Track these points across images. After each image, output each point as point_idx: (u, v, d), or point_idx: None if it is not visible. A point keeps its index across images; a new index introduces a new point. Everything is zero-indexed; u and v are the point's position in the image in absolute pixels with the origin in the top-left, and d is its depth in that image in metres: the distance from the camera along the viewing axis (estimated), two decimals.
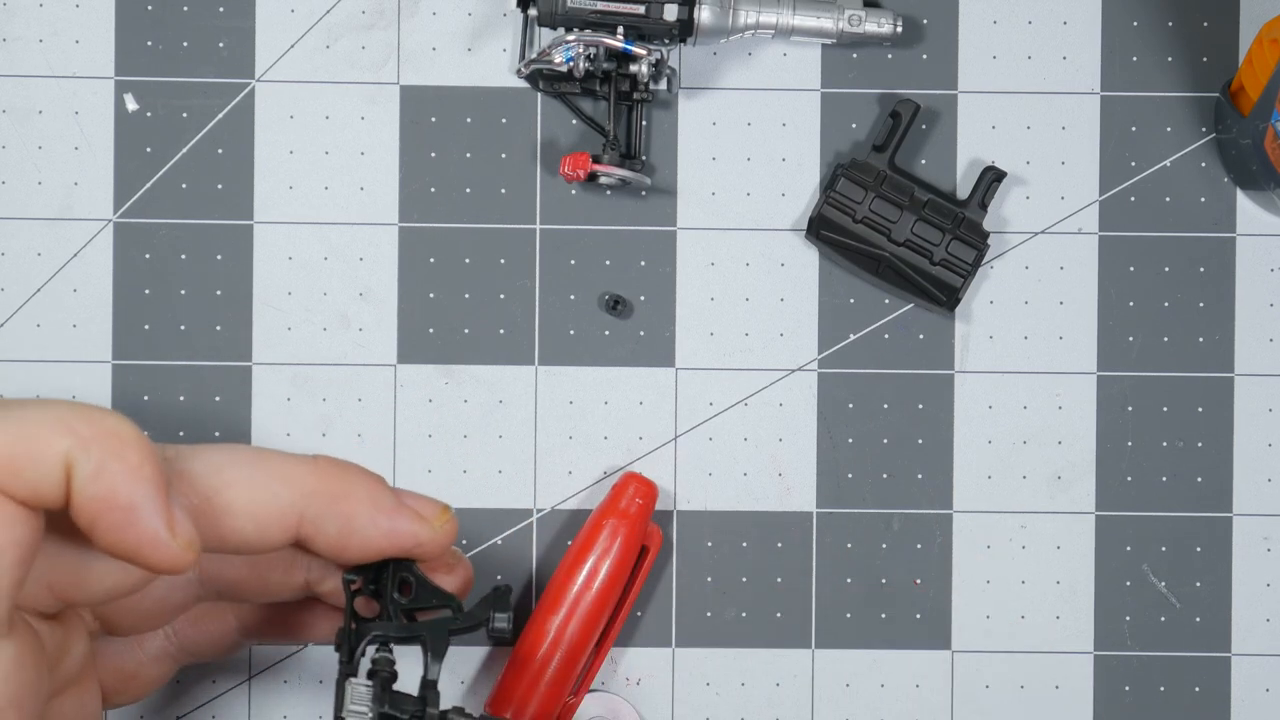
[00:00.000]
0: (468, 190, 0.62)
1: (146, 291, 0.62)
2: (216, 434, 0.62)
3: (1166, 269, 0.62)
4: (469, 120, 0.62)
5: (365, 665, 0.48)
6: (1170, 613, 0.62)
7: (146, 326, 0.62)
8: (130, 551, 0.42)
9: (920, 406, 0.62)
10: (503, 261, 0.62)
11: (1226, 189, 0.63)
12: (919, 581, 0.62)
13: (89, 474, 0.41)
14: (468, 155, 0.62)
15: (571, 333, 0.62)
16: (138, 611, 0.49)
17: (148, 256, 0.62)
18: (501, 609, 0.50)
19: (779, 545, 0.62)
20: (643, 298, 0.62)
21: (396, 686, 0.48)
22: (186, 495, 0.44)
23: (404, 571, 0.49)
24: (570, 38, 0.59)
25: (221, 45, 0.62)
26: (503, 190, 0.62)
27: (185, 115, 0.62)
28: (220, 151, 0.62)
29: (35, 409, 0.42)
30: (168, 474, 0.43)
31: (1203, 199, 0.63)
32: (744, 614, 0.62)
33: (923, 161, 0.63)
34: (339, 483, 0.47)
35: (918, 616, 0.62)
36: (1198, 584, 0.62)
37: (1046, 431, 0.62)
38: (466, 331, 0.62)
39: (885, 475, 0.62)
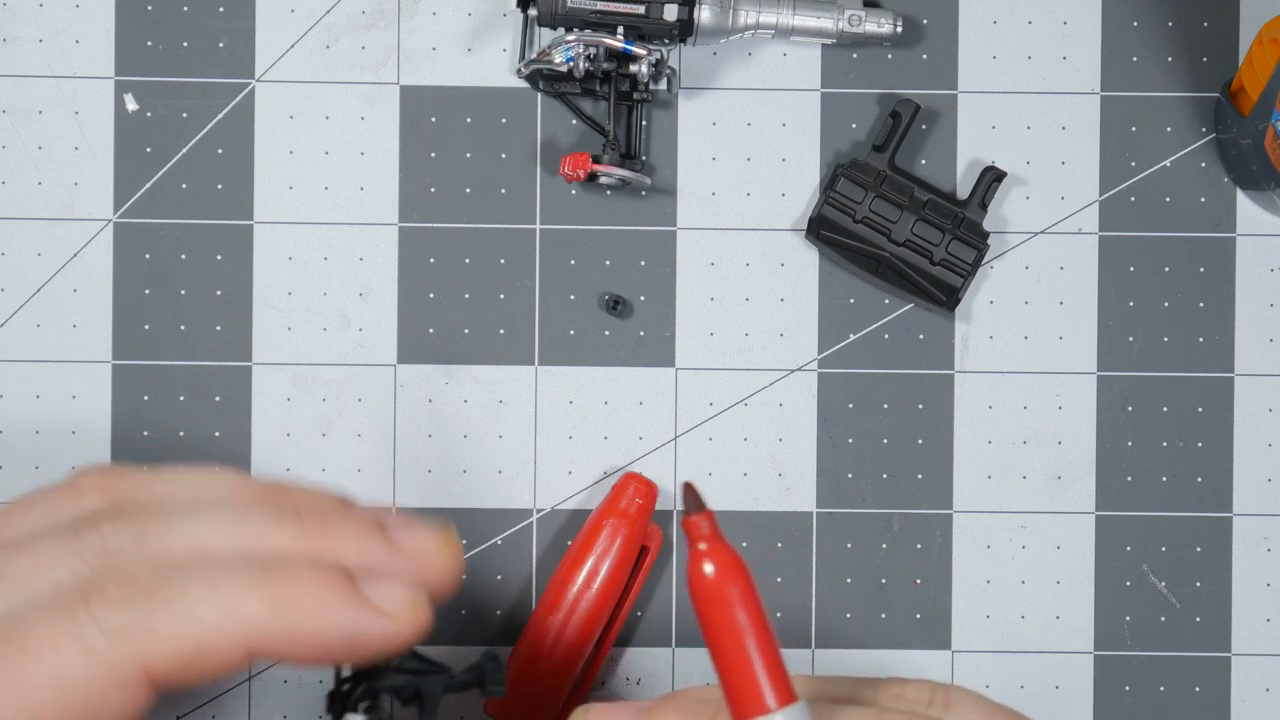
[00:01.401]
0: (468, 190, 0.62)
1: (146, 291, 0.62)
2: (216, 434, 0.62)
3: (1166, 269, 0.62)
4: (469, 120, 0.62)
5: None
6: (1170, 613, 0.62)
7: (146, 326, 0.62)
8: (375, 651, 0.43)
9: (920, 406, 0.62)
10: (503, 261, 0.62)
11: (1226, 189, 0.63)
12: (919, 581, 0.62)
13: (287, 642, 0.41)
14: (468, 155, 0.62)
15: (571, 333, 0.62)
16: None
17: (148, 256, 0.62)
18: (495, 677, 0.49)
19: (779, 545, 0.62)
20: (643, 298, 0.62)
21: None
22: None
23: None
24: (570, 38, 0.58)
25: (221, 45, 0.62)
26: (503, 190, 0.62)
27: (185, 115, 0.62)
28: (220, 151, 0.62)
29: (207, 599, 0.41)
30: (345, 565, 0.43)
31: (1203, 199, 0.63)
32: None
33: (923, 161, 0.63)
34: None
35: (918, 616, 0.62)
36: (1198, 584, 0.62)
37: (1046, 431, 0.62)
38: (466, 331, 0.62)
39: (885, 475, 0.62)
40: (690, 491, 0.42)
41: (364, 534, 0.45)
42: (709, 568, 0.40)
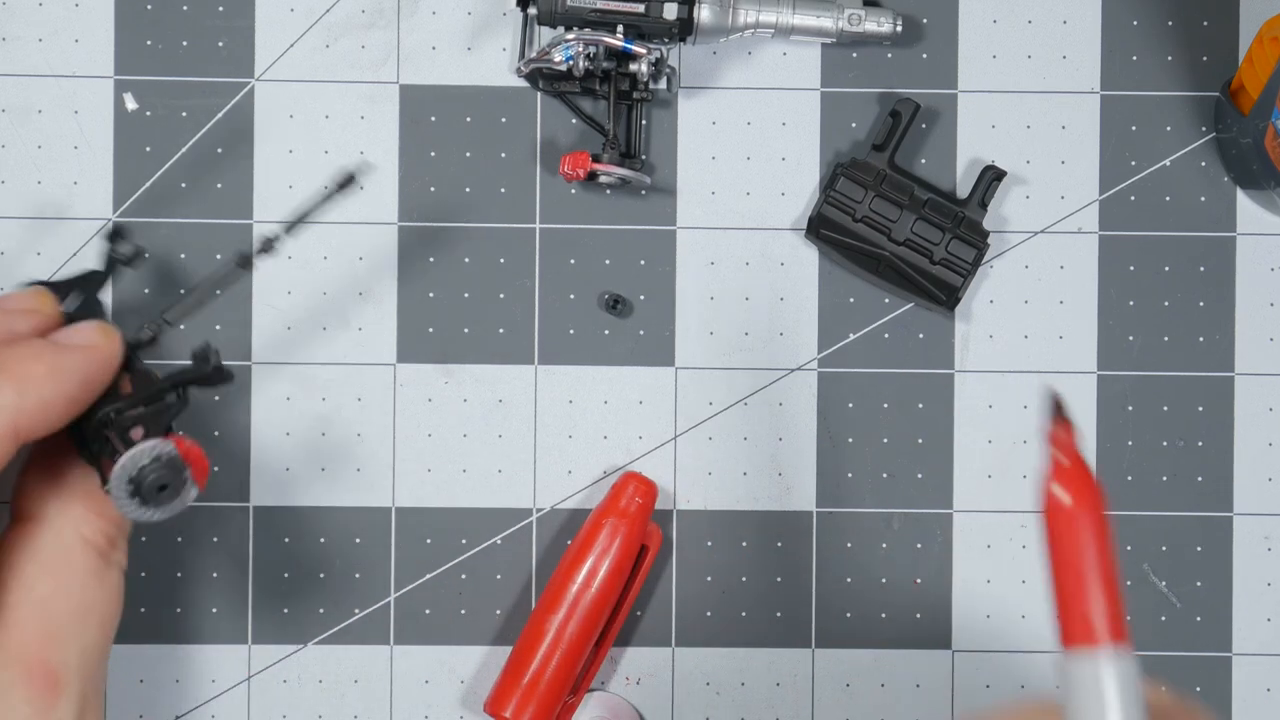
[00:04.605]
0: (468, 190, 0.62)
1: (146, 291, 0.62)
2: (216, 433, 0.62)
3: (1166, 269, 0.62)
4: (469, 120, 0.62)
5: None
6: (1170, 612, 0.62)
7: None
8: (104, 380, 0.52)
9: (920, 406, 0.62)
10: (503, 261, 0.62)
11: (1226, 189, 0.63)
12: (919, 581, 0.62)
13: (42, 414, 0.49)
14: (468, 155, 0.62)
15: (571, 332, 0.62)
16: None
17: (148, 256, 0.62)
18: (216, 365, 0.53)
19: (779, 545, 0.62)
20: (643, 297, 0.62)
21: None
22: None
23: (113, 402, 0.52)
24: (570, 37, 0.59)
25: (221, 45, 0.62)
26: (503, 190, 0.62)
27: (185, 115, 0.62)
28: (220, 151, 0.62)
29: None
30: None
31: (1203, 199, 0.63)
32: (744, 614, 0.62)
33: (923, 161, 0.63)
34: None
35: (918, 616, 0.62)
36: (1198, 584, 0.62)
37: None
38: (466, 331, 0.62)
39: (885, 475, 0.62)
40: (1055, 401, 0.42)
41: (27, 309, 0.53)
42: (1064, 493, 0.40)
